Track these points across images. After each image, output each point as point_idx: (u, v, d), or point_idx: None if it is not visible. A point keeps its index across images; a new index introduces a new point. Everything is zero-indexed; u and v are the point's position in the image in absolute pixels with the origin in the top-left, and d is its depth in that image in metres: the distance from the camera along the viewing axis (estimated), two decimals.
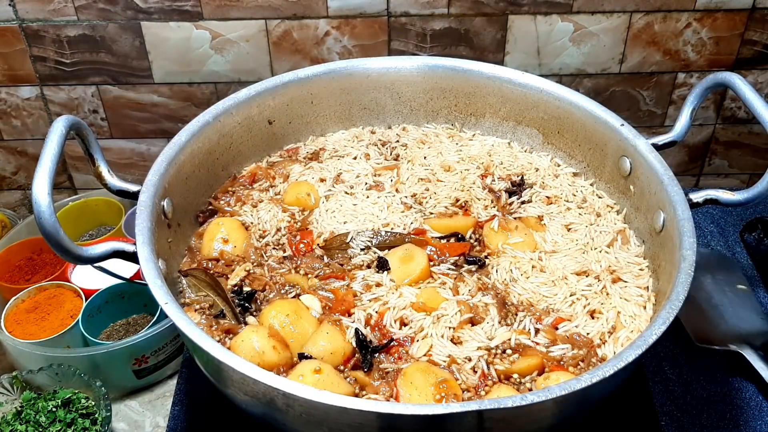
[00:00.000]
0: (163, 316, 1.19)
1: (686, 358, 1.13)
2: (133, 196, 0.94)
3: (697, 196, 0.95)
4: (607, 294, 0.95)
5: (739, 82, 0.96)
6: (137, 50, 1.35)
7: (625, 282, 0.96)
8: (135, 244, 0.87)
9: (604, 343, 0.89)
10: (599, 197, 1.09)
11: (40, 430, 1.07)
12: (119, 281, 1.23)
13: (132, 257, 0.87)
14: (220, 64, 1.37)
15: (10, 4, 1.29)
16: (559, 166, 1.15)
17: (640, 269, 0.98)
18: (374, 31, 1.34)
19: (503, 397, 0.71)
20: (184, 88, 1.40)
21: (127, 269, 1.25)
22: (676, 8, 1.33)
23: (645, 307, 0.93)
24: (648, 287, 0.95)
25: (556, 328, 0.90)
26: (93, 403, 1.11)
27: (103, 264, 1.20)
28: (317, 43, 1.35)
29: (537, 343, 0.88)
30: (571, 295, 0.94)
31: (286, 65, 1.38)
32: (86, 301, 1.21)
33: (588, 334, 0.90)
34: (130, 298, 1.25)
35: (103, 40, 1.34)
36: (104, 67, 1.37)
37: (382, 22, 1.33)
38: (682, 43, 1.38)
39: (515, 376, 0.85)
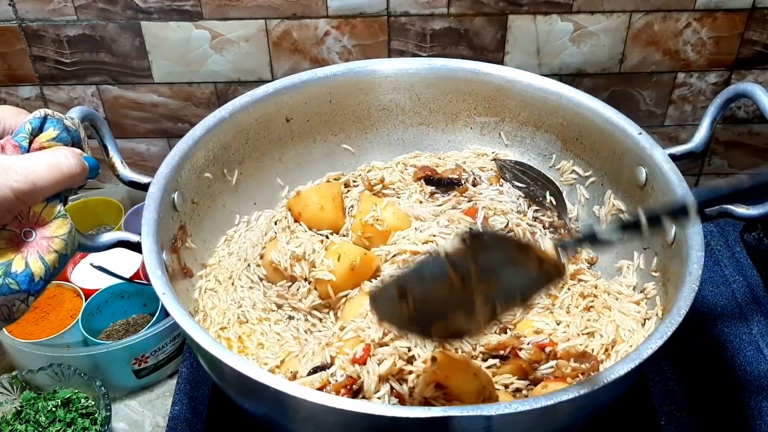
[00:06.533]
0: (163, 315, 1.19)
1: (686, 358, 1.13)
2: (143, 188, 0.95)
3: (710, 210, 0.94)
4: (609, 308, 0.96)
5: (760, 93, 0.95)
6: (137, 50, 1.35)
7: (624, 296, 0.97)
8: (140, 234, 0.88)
9: (608, 358, 0.90)
10: (613, 214, 1.09)
11: (40, 429, 1.07)
12: (119, 281, 1.23)
13: (136, 247, 0.88)
14: (220, 63, 1.37)
15: (9, 4, 1.29)
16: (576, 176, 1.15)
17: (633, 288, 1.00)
18: (374, 31, 1.34)
19: (503, 402, 0.71)
20: (183, 88, 1.40)
21: (126, 269, 1.25)
22: (676, 8, 1.33)
23: (643, 324, 0.94)
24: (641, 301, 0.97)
25: (543, 349, 0.90)
26: (93, 402, 1.11)
27: (103, 263, 1.22)
28: (317, 43, 1.35)
29: (520, 349, 0.88)
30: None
31: (286, 65, 1.38)
32: (86, 300, 1.21)
33: (593, 350, 0.90)
34: (130, 297, 1.25)
35: (103, 40, 1.34)
36: (104, 67, 1.37)
37: (381, 21, 1.33)
38: (681, 42, 1.38)
39: (513, 383, 0.86)
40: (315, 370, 0.87)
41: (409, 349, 0.85)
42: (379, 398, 0.82)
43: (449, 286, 0.72)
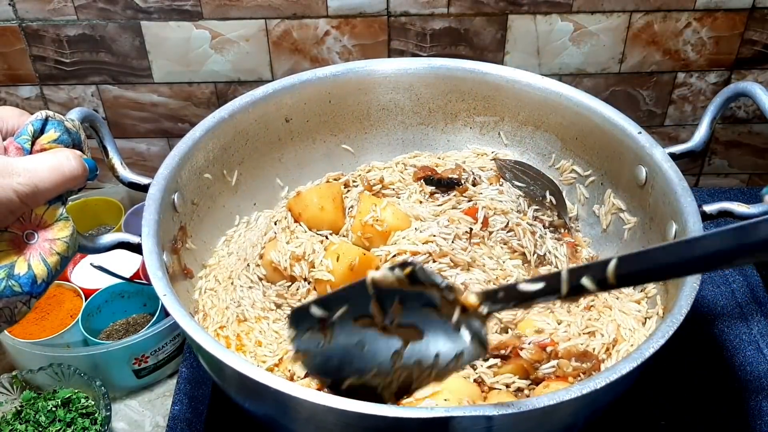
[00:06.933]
0: (163, 315, 1.19)
1: (686, 358, 1.13)
2: (143, 189, 0.95)
3: (711, 209, 0.94)
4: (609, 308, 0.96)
5: (760, 92, 0.95)
6: (137, 50, 1.35)
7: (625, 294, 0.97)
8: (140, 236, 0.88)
9: (609, 357, 0.90)
10: (613, 213, 1.09)
11: (40, 429, 1.07)
12: (119, 281, 1.23)
13: (136, 249, 0.88)
14: (220, 63, 1.37)
15: (9, 4, 1.29)
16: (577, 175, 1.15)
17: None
18: (374, 30, 1.34)
19: (503, 403, 0.71)
20: (183, 88, 1.40)
21: (126, 269, 1.25)
22: (676, 8, 1.33)
23: (643, 323, 0.94)
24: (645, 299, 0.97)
25: (544, 349, 0.90)
26: (93, 402, 1.11)
27: (103, 263, 1.21)
28: (317, 43, 1.35)
29: (521, 348, 0.88)
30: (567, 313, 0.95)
31: (286, 65, 1.38)
32: (86, 300, 1.21)
33: (594, 349, 0.90)
34: (130, 297, 1.25)
35: (103, 40, 1.34)
36: (104, 67, 1.37)
37: (381, 21, 1.33)
38: (681, 42, 1.38)
39: (515, 382, 0.86)
40: None
41: None
42: None
43: (371, 320, 0.70)
